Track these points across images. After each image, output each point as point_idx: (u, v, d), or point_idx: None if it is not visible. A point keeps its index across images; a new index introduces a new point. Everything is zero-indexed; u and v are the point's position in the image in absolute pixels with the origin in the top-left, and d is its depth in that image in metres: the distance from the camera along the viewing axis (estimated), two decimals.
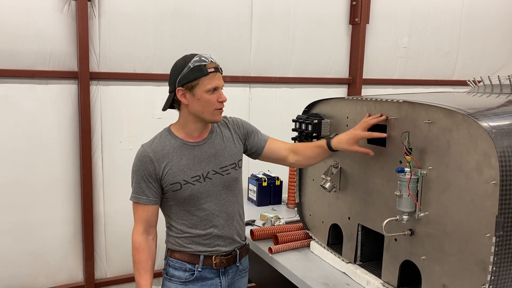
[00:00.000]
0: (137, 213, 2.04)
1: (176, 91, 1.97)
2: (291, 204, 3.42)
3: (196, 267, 2.07)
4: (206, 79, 1.94)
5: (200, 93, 1.94)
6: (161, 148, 2.02)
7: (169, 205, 2.07)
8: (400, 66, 4.70)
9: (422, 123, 1.82)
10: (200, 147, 2.06)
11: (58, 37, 3.30)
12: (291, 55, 4.16)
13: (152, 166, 1.98)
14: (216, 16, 3.78)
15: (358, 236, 2.25)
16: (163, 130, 2.11)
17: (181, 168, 2.01)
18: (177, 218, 2.07)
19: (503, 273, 1.57)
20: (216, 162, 2.07)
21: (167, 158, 2.00)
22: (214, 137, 2.11)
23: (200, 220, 2.06)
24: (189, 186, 2.01)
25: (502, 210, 1.52)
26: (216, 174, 2.06)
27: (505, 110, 1.85)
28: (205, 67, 1.94)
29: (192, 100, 1.96)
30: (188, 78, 1.93)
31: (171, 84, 2.01)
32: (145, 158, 2.00)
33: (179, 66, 1.97)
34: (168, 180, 2.00)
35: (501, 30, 5.10)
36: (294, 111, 2.67)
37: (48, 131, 3.38)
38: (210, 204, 2.06)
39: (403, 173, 1.83)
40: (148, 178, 1.99)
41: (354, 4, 4.29)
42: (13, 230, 3.37)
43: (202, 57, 1.95)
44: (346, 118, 2.28)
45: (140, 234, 2.03)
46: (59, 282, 3.58)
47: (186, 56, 2.00)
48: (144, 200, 2.01)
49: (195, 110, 1.98)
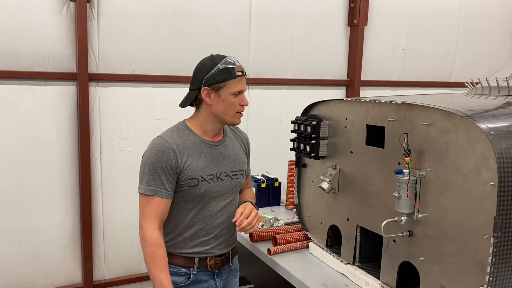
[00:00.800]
0: (152, 208, 1.96)
1: (201, 90, 1.97)
2: (290, 205, 3.42)
3: (191, 270, 2.06)
4: (234, 82, 1.97)
5: (225, 95, 1.97)
6: (181, 141, 2.00)
7: (176, 201, 2.03)
8: (398, 68, 4.71)
9: (421, 125, 1.83)
10: (217, 147, 2.09)
11: (57, 38, 3.30)
12: (290, 56, 4.17)
13: (175, 158, 1.96)
14: (215, 18, 3.78)
15: (356, 237, 2.26)
16: (178, 124, 2.09)
17: (200, 164, 2.01)
18: (181, 216, 2.05)
19: (501, 274, 1.58)
20: (229, 165, 2.11)
21: (187, 152, 1.99)
22: (228, 141, 2.15)
23: (203, 220, 2.05)
24: (205, 183, 2.01)
25: (500, 211, 1.53)
26: (227, 177, 2.09)
27: (503, 112, 1.86)
28: (234, 70, 1.97)
29: (217, 100, 1.98)
30: (216, 79, 1.95)
31: (195, 82, 2.00)
32: (168, 149, 1.95)
33: (207, 66, 1.98)
34: (187, 175, 1.98)
35: (499, 32, 5.12)
36: (293, 113, 2.68)
37: (47, 132, 3.37)
38: (215, 205, 2.07)
39: (401, 175, 1.83)
40: (169, 170, 1.95)
41: (353, 6, 4.30)
42: (12, 232, 3.36)
43: (230, 59, 1.99)
44: (344, 119, 2.29)
45: (156, 230, 1.96)
46: (57, 283, 3.57)
47: (213, 56, 2.02)
48: (163, 194, 1.96)
49: (218, 110, 2.00)
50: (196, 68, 2.03)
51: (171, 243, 2.06)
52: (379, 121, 2.06)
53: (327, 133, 2.40)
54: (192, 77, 2.03)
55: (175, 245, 2.06)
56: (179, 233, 2.06)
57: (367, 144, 2.14)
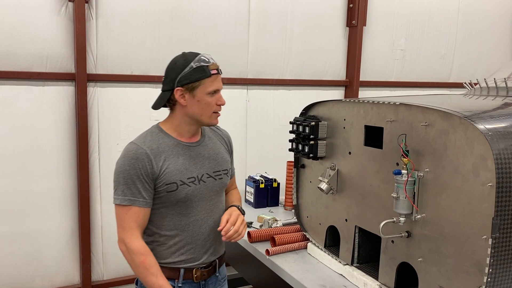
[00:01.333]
0: (131, 218, 1.85)
1: (174, 90, 1.87)
2: (289, 206, 3.41)
3: (176, 282, 1.95)
4: (209, 81, 1.87)
5: (200, 95, 1.87)
6: (156, 145, 1.89)
7: (156, 208, 1.92)
8: (397, 69, 4.72)
9: (419, 126, 1.83)
10: (195, 148, 1.98)
11: (55, 39, 3.30)
12: (289, 57, 4.17)
13: (150, 164, 1.85)
14: (214, 18, 3.78)
15: (355, 238, 2.26)
16: (152, 127, 1.98)
17: (177, 167, 1.90)
18: (163, 224, 1.93)
19: (499, 275, 1.58)
20: (210, 165, 2.00)
21: (163, 156, 1.89)
22: (207, 141, 2.05)
23: (187, 226, 1.95)
24: (185, 187, 1.91)
25: (499, 212, 1.53)
26: (209, 178, 1.99)
27: (501, 113, 1.86)
28: (208, 68, 1.86)
29: (191, 101, 1.88)
30: (189, 78, 1.84)
31: (168, 82, 1.89)
32: (142, 155, 1.85)
33: (180, 65, 1.87)
34: (164, 180, 1.87)
35: (497, 33, 5.12)
36: (292, 113, 2.68)
37: (45, 133, 3.37)
38: (200, 209, 1.97)
39: (400, 175, 1.83)
40: (145, 178, 1.84)
41: (351, 7, 4.31)
42: (10, 232, 3.36)
43: (204, 57, 1.87)
44: (343, 120, 2.29)
45: (139, 239, 1.87)
46: (56, 284, 3.57)
47: (186, 54, 1.90)
48: (141, 203, 1.85)
49: (193, 112, 1.90)
50: (168, 67, 1.91)
51: (154, 252, 1.92)
52: (378, 121, 2.06)
53: (326, 134, 2.40)
54: (164, 77, 1.91)
55: (159, 255, 1.94)
56: (163, 241, 1.95)
57: (366, 145, 2.14)
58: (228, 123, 3.92)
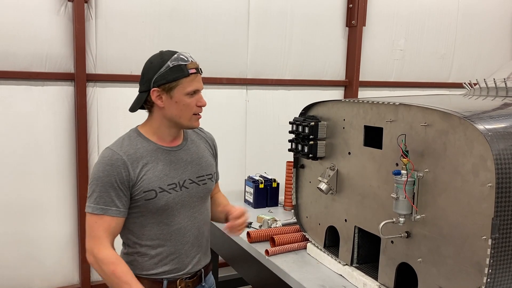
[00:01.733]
0: (101, 227, 1.75)
1: (151, 91, 1.77)
2: (288, 206, 3.41)
3: None
4: (187, 80, 1.76)
5: (178, 96, 1.76)
6: (133, 151, 1.79)
7: (135, 217, 1.82)
8: (397, 69, 4.72)
9: (419, 126, 1.82)
10: (176, 152, 1.87)
11: (55, 39, 3.30)
12: (288, 57, 4.16)
13: (126, 171, 1.74)
14: (213, 18, 3.78)
15: (354, 238, 2.26)
16: (129, 131, 1.89)
17: (157, 174, 1.79)
18: (143, 233, 1.83)
19: (499, 275, 1.58)
20: (193, 170, 1.89)
21: (141, 162, 1.78)
22: (190, 144, 1.94)
23: (170, 235, 1.84)
24: (165, 194, 1.80)
25: (498, 212, 1.53)
26: (192, 183, 1.88)
27: (501, 113, 1.86)
28: (186, 67, 1.75)
29: (169, 103, 1.77)
30: (166, 78, 1.74)
31: (144, 83, 1.79)
32: (117, 161, 1.74)
33: (156, 64, 1.77)
34: (142, 187, 1.76)
35: (497, 33, 5.12)
36: (291, 114, 2.68)
37: (44, 133, 3.37)
38: (182, 217, 1.86)
39: (399, 176, 1.83)
40: (119, 185, 1.74)
41: (351, 7, 4.30)
42: (9, 233, 3.35)
43: (181, 56, 1.77)
44: (342, 120, 2.28)
45: (109, 249, 1.76)
46: (55, 284, 3.56)
47: (163, 52, 1.80)
48: (113, 212, 1.74)
49: (172, 114, 1.80)
50: (144, 67, 1.81)
51: (136, 264, 1.84)
52: (377, 122, 2.06)
53: (325, 134, 2.40)
54: (140, 77, 1.82)
55: (141, 266, 1.85)
56: (144, 252, 1.84)
57: (365, 145, 2.14)
58: (228, 123, 3.96)
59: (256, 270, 2.70)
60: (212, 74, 3.80)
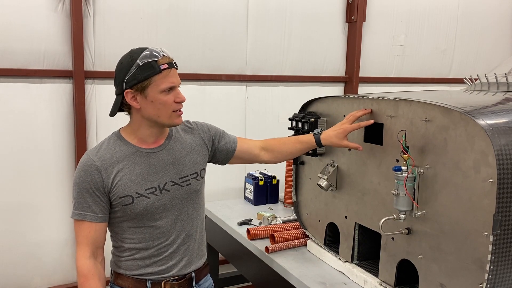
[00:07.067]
0: (82, 233, 1.74)
1: (124, 93, 1.71)
2: (288, 203, 3.41)
3: None
4: (159, 77, 1.68)
5: (153, 95, 1.69)
6: (109, 155, 1.76)
7: (116, 221, 1.82)
8: (397, 64, 4.70)
9: (419, 121, 1.81)
10: (156, 154, 1.81)
11: (52, 36, 3.28)
12: (287, 53, 4.14)
13: (99, 177, 1.72)
14: (212, 14, 3.76)
15: (355, 235, 2.24)
16: (111, 134, 1.86)
17: (133, 178, 1.75)
18: (125, 237, 1.83)
19: (500, 271, 1.57)
20: (175, 171, 1.84)
21: (117, 167, 1.74)
22: (173, 143, 1.87)
23: (153, 238, 1.82)
24: (143, 199, 1.76)
25: (500, 208, 1.51)
26: (174, 185, 1.82)
27: (502, 108, 1.84)
28: (157, 63, 1.68)
29: (145, 103, 1.71)
30: (137, 78, 1.67)
31: (117, 86, 1.74)
32: (91, 167, 1.72)
33: (126, 64, 1.70)
34: (117, 193, 1.74)
35: (498, 28, 5.10)
36: (291, 110, 2.66)
37: (43, 131, 3.35)
38: (166, 221, 1.82)
39: (400, 172, 1.82)
40: (95, 191, 1.72)
41: (351, 2, 4.28)
42: (8, 231, 3.34)
43: (152, 52, 1.69)
44: (342, 116, 2.27)
45: (87, 258, 1.75)
46: (54, 282, 3.56)
47: (132, 51, 1.73)
48: (91, 218, 1.73)
49: (149, 114, 1.73)
50: (116, 68, 1.74)
51: (120, 261, 1.85)
52: (378, 117, 2.04)
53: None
54: (114, 79, 1.76)
55: (125, 266, 1.84)
56: (128, 254, 1.85)
57: (365, 141, 2.12)
58: (227, 120, 3.95)
59: (256, 267, 2.70)
60: (211, 70, 3.79)
